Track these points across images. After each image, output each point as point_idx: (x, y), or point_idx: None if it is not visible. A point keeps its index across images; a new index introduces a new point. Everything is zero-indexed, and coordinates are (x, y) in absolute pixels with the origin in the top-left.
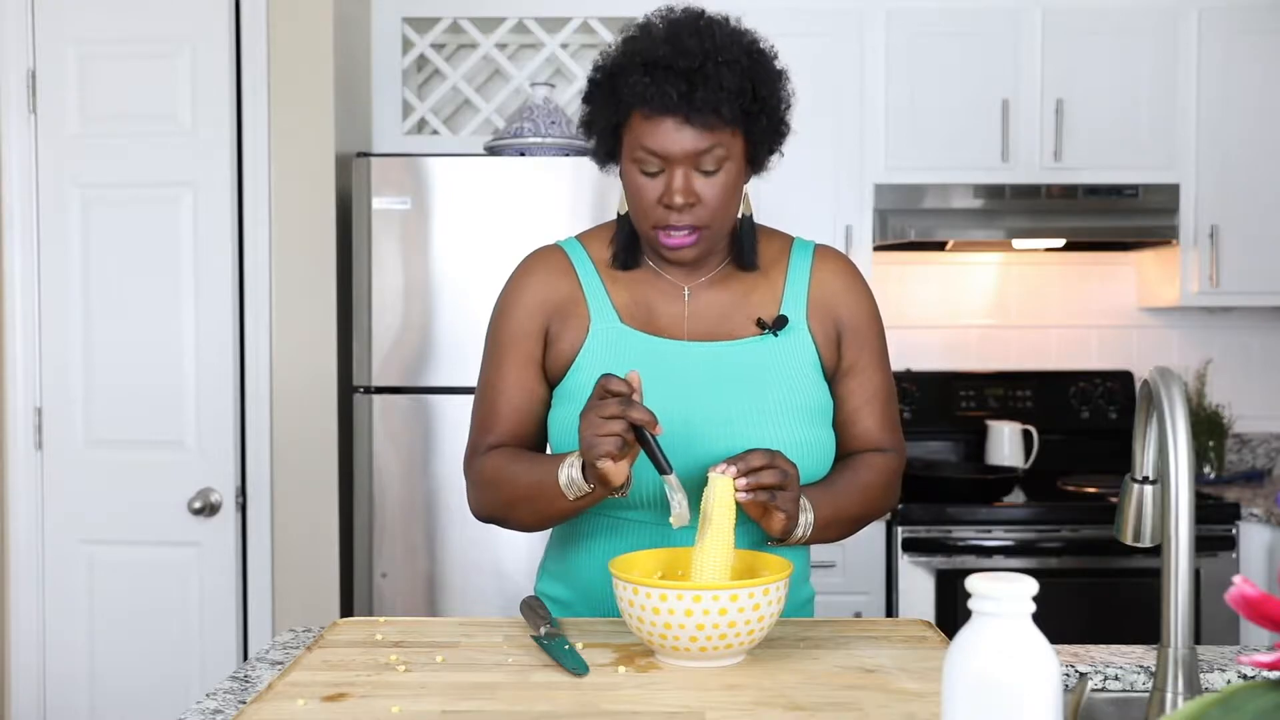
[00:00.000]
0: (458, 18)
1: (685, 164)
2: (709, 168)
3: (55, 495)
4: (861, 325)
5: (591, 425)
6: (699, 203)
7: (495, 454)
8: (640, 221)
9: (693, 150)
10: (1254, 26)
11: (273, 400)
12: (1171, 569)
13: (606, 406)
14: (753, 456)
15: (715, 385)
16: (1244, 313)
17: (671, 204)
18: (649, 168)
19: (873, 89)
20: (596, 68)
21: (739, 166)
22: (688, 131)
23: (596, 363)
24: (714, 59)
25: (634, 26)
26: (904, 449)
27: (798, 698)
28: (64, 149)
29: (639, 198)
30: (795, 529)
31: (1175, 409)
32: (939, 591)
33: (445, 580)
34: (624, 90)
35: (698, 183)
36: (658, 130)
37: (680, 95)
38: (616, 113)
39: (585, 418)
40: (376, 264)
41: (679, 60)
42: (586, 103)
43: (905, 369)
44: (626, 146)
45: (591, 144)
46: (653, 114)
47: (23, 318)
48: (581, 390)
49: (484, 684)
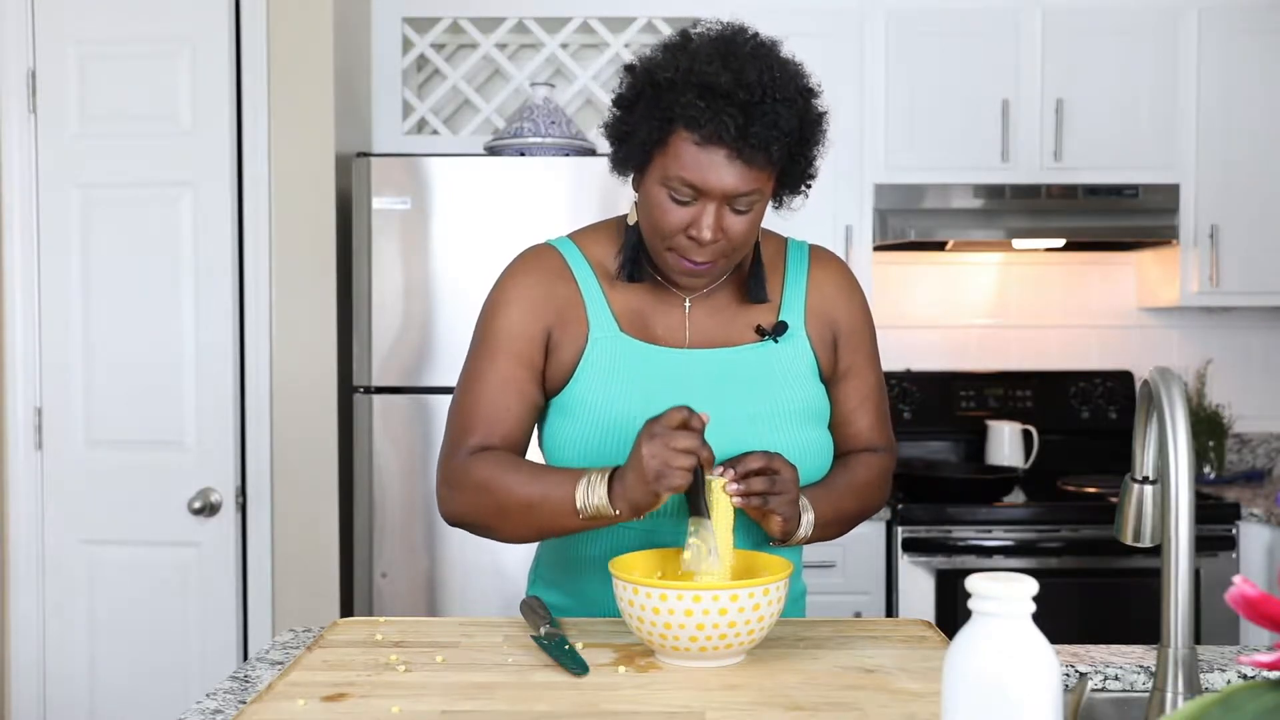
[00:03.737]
0: (458, 18)
1: (720, 201)
2: (742, 208)
3: (55, 495)
4: (857, 328)
5: (665, 454)
6: (724, 239)
7: (487, 457)
8: (656, 241)
9: (733, 190)
10: (1254, 26)
11: (273, 400)
12: (1171, 569)
13: (682, 438)
14: (749, 459)
15: (717, 391)
16: (1244, 313)
17: (700, 238)
18: (680, 197)
19: (873, 89)
20: (640, 74)
21: (766, 202)
22: (735, 167)
23: (598, 373)
24: (772, 95)
25: (678, 36)
26: (895, 447)
27: (798, 698)
28: (64, 149)
29: (662, 221)
30: (796, 529)
31: (1175, 409)
32: (939, 591)
33: (445, 580)
34: (675, 108)
35: (727, 219)
36: (704, 160)
37: (737, 128)
38: (659, 129)
39: (655, 442)
40: (376, 264)
41: (739, 91)
42: (621, 108)
43: (905, 369)
44: (658, 166)
45: (615, 155)
46: (704, 141)
47: (23, 318)
48: (581, 402)
49: (484, 684)
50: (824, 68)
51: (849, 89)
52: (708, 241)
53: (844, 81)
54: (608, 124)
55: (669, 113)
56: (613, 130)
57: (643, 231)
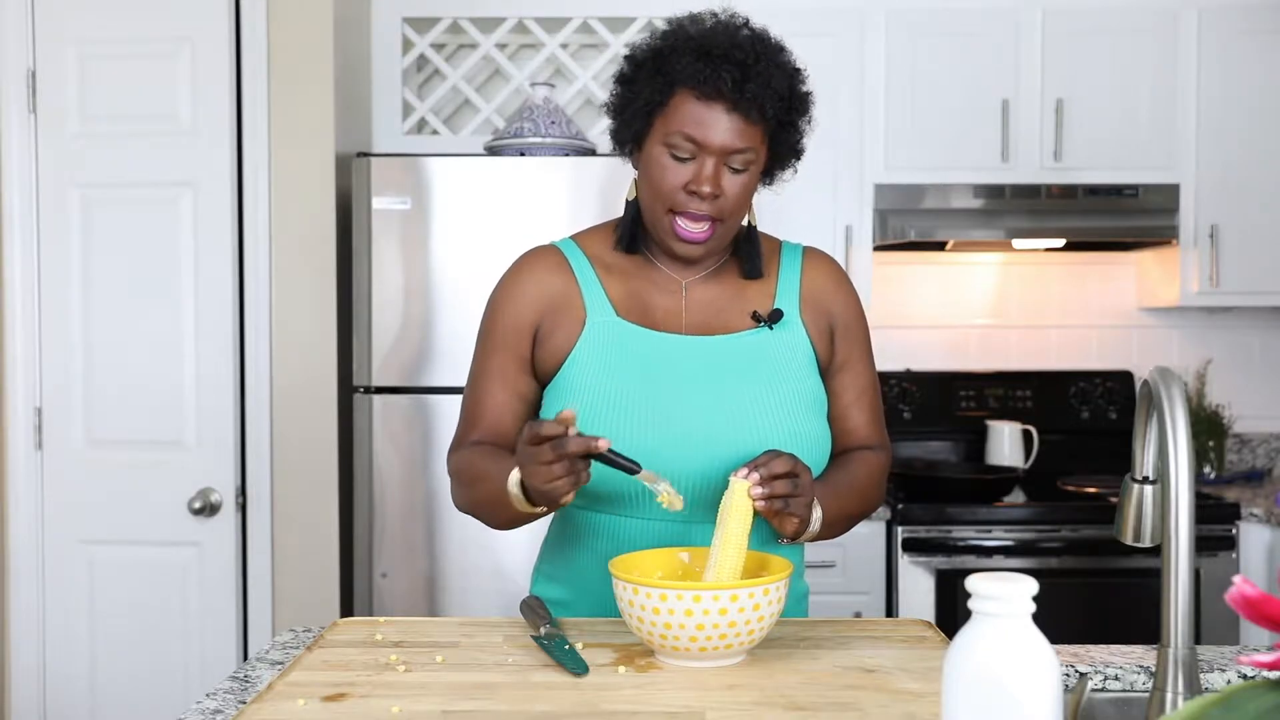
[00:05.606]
0: (458, 18)
1: (718, 156)
2: (737, 166)
3: (55, 495)
4: (851, 322)
5: (536, 475)
6: (722, 195)
7: (470, 451)
8: (655, 204)
9: (730, 145)
10: (1254, 26)
11: (273, 400)
12: (1171, 569)
13: (541, 453)
14: (775, 463)
15: (714, 377)
16: (1244, 313)
17: (699, 191)
18: (681, 153)
19: (873, 89)
20: (638, 50)
21: (758, 172)
22: (733, 121)
23: (593, 354)
24: (765, 60)
25: (675, 21)
26: (890, 447)
27: (798, 698)
28: (64, 149)
29: (662, 179)
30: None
31: (1175, 409)
32: (939, 591)
33: (445, 580)
34: (675, 70)
35: (725, 178)
36: (704, 115)
37: (734, 83)
38: (660, 91)
39: (525, 469)
40: (376, 264)
41: (735, 52)
42: (622, 84)
43: (905, 369)
44: (659, 128)
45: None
46: (703, 97)
47: (23, 318)
48: (574, 384)
49: (484, 684)
50: (824, 68)
51: (849, 89)
52: (706, 195)
53: (844, 81)
54: (609, 101)
55: (671, 76)
56: (615, 103)
57: (642, 201)
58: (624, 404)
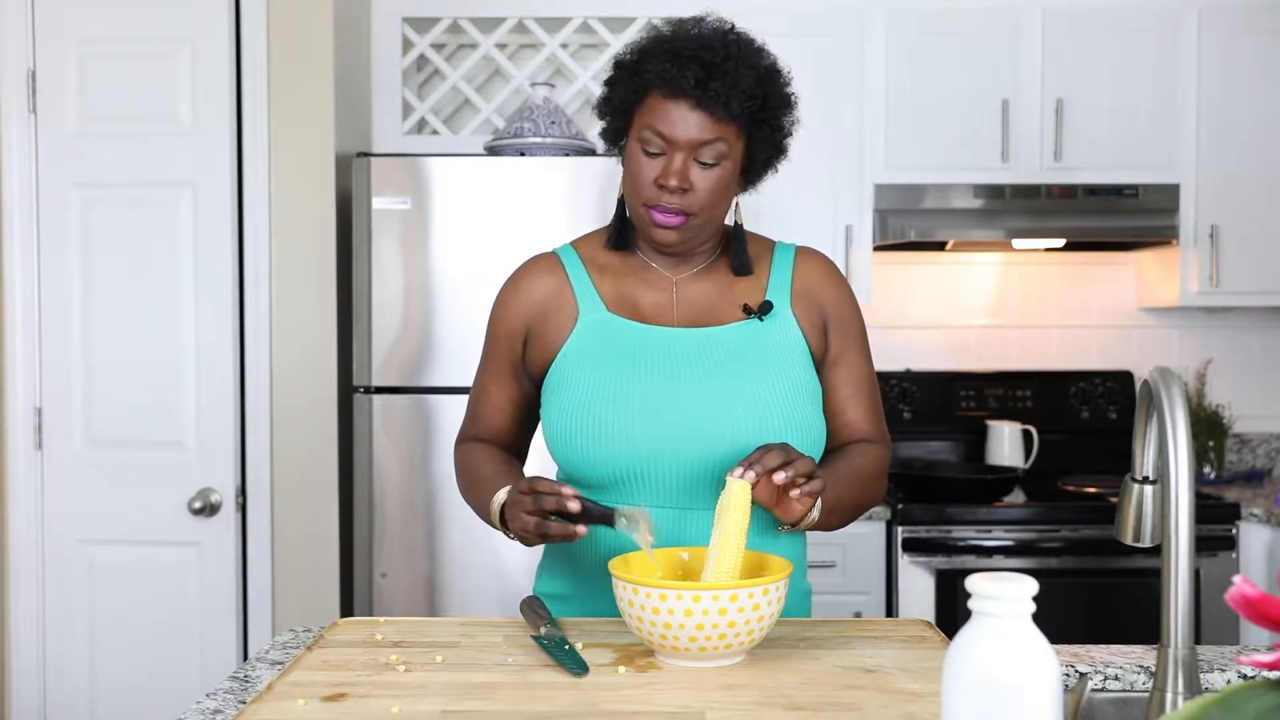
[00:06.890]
0: (458, 18)
1: (686, 151)
2: (708, 160)
3: (55, 495)
4: (845, 316)
5: (514, 519)
6: (691, 190)
7: (472, 447)
8: (633, 198)
9: (696, 139)
10: (1254, 26)
11: (273, 400)
12: (1171, 569)
13: (523, 503)
14: (768, 458)
15: (706, 369)
16: (1244, 313)
17: (666, 185)
18: (651, 148)
19: (873, 89)
20: (621, 54)
21: (735, 168)
22: (697, 117)
23: (586, 348)
24: (735, 59)
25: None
26: (890, 442)
27: (798, 698)
28: (64, 149)
29: (637, 175)
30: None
31: (1175, 409)
32: (939, 591)
33: (445, 580)
34: (647, 70)
35: (694, 172)
36: (669, 112)
37: (697, 81)
38: (634, 91)
39: (509, 509)
40: (376, 264)
41: (703, 52)
42: (608, 85)
43: (905, 369)
44: (635, 126)
45: (604, 125)
46: (668, 95)
47: (23, 318)
48: (566, 378)
49: (484, 684)
50: (824, 68)
51: (849, 89)
52: (674, 188)
53: (844, 81)
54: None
55: (644, 78)
56: (599, 105)
57: (625, 197)
58: (615, 395)
